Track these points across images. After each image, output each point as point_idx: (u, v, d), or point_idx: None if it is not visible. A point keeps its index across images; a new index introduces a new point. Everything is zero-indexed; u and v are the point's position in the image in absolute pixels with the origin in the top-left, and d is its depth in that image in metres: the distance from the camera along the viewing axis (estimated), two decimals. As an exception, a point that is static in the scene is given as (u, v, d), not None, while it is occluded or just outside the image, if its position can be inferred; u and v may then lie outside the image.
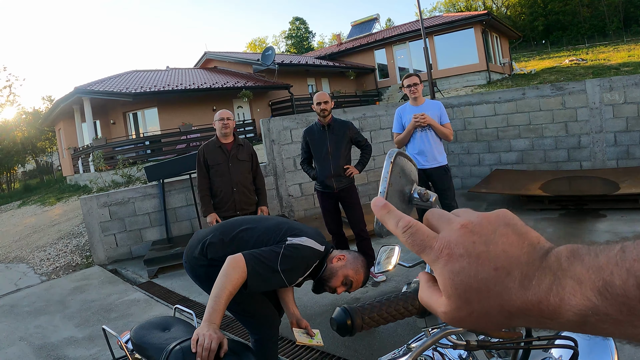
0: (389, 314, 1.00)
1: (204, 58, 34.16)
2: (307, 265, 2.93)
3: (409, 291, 1.05)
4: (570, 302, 0.50)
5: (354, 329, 0.98)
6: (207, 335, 2.26)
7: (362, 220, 5.87)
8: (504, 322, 0.56)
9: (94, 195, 8.92)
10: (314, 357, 4.31)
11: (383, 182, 0.90)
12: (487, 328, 0.58)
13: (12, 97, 42.52)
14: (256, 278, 2.69)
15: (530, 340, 1.11)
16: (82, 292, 7.25)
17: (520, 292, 0.53)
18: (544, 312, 0.52)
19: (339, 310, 1.00)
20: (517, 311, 0.54)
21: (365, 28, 37.88)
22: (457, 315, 0.58)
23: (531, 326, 0.58)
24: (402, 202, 0.92)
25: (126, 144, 20.97)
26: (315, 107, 5.77)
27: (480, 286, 0.55)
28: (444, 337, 0.98)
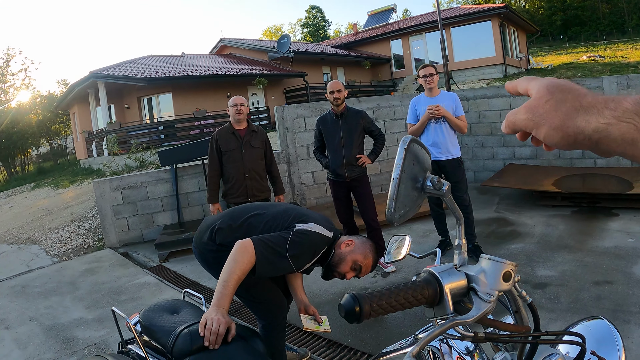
0: (398, 302, 0.99)
1: (219, 44, 34.17)
2: (315, 251, 2.92)
3: (419, 280, 1.03)
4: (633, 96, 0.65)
5: (362, 316, 0.97)
6: (215, 320, 2.25)
7: (373, 210, 5.86)
8: (573, 113, 0.70)
9: (107, 178, 8.96)
10: (321, 346, 4.31)
11: (396, 168, 0.88)
12: (554, 119, 0.72)
13: (28, 81, 42.84)
14: (264, 263, 2.69)
15: (538, 334, 1.09)
16: (93, 274, 7.29)
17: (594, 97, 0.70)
18: (609, 103, 0.66)
19: (347, 296, 0.99)
20: (587, 104, 0.69)
21: (382, 18, 37.71)
22: (536, 101, 0.75)
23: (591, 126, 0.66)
24: (414, 189, 0.91)
25: (140, 129, 21.02)
26: (328, 96, 5.75)
27: (565, 88, 0.73)
28: (452, 327, 0.96)
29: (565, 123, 0.69)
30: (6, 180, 32.07)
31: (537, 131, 0.75)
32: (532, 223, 7.03)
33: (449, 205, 1.04)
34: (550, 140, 0.73)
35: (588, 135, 0.67)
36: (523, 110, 0.77)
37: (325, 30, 64.96)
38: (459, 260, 1.07)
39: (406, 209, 0.90)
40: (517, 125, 0.78)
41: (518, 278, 1.06)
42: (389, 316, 4.69)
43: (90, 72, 22.04)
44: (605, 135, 0.65)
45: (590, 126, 0.66)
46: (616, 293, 4.49)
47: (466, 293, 1.03)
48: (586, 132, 0.67)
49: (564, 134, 0.70)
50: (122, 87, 23.15)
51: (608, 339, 1.41)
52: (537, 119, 0.74)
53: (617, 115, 0.63)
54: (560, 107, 0.71)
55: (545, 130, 0.73)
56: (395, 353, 1.45)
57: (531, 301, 1.13)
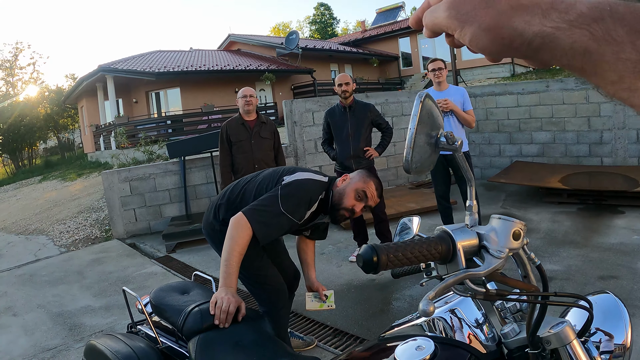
0: (413, 255, 1.02)
1: (227, 40, 34.17)
2: (311, 198, 2.95)
3: (433, 237, 1.06)
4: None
5: (379, 265, 1.00)
6: (225, 299, 2.29)
7: (382, 202, 5.89)
8: (509, 12, 0.56)
9: (116, 169, 9.00)
10: (327, 334, 4.34)
11: (413, 119, 0.91)
12: (484, 17, 0.58)
13: (36, 75, 42.95)
14: (263, 228, 2.73)
15: (547, 294, 1.11)
16: (100, 264, 7.33)
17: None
18: (557, 4, 0.54)
19: (365, 247, 1.02)
20: (528, 1, 0.55)
21: (390, 16, 37.61)
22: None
23: (533, 29, 0.54)
24: (428, 144, 0.93)
25: (148, 123, 21.07)
26: (336, 89, 5.80)
27: None
28: (466, 278, 0.99)
29: (498, 23, 0.57)
30: (14, 173, 32.15)
31: (461, 32, 0.61)
32: (538, 219, 7.04)
33: (460, 163, 1.07)
34: (477, 43, 0.60)
35: (528, 40, 0.55)
36: (444, 5, 0.62)
37: (333, 28, 64.79)
38: (470, 221, 1.10)
39: (422, 161, 0.93)
40: (438, 24, 0.64)
41: (527, 241, 1.09)
42: (395, 307, 4.72)
43: (99, 66, 22.12)
44: (551, 41, 0.54)
45: (532, 29, 0.54)
46: (621, 287, 4.50)
47: (477, 251, 1.06)
48: (525, 36, 0.55)
49: (495, 36, 0.57)
50: (131, 82, 23.22)
51: (615, 313, 1.43)
52: (462, 17, 0.60)
53: (569, 19, 0.52)
54: (492, 2, 0.58)
55: (473, 30, 0.59)
56: (405, 325, 1.47)
57: (540, 264, 1.16)
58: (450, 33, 0.64)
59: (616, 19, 0.50)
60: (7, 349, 4.79)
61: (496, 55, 0.61)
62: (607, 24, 0.51)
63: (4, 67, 36.70)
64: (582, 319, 1.31)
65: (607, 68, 0.52)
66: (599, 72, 0.53)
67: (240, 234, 2.68)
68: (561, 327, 1.16)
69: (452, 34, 0.64)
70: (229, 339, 2.11)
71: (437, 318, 1.37)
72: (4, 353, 4.69)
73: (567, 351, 1.16)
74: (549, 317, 1.20)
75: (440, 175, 6.11)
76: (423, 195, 8.95)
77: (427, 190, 9.48)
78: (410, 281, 5.24)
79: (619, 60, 0.50)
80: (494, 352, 1.30)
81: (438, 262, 1.10)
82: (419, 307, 0.93)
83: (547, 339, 1.17)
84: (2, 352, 4.73)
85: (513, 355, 1.29)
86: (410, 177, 10.57)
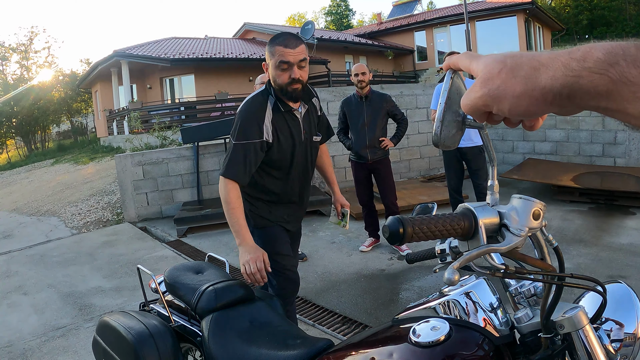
0: (437, 229, 1.04)
1: (242, 29, 34.12)
2: (255, 112, 2.91)
3: (456, 213, 1.08)
4: (602, 44, 0.59)
5: (405, 237, 1.02)
6: (249, 261, 2.60)
7: (394, 193, 5.91)
8: (534, 74, 0.63)
9: (129, 153, 9.05)
10: (336, 322, 4.37)
11: (444, 94, 0.92)
12: (515, 87, 0.65)
13: (51, 59, 43.06)
14: (231, 169, 2.82)
15: (564, 275, 1.13)
16: (111, 246, 7.39)
17: (552, 52, 0.63)
18: (574, 54, 0.60)
19: (392, 218, 1.04)
20: (546, 59, 0.63)
21: (407, 9, 37.44)
22: (489, 74, 0.68)
23: (559, 82, 0.61)
24: (455, 121, 0.94)
25: (161, 109, 21.11)
26: (353, 79, 5.81)
27: (516, 54, 0.67)
28: (487, 252, 1.00)
29: (528, 87, 0.63)
30: (26, 155, 32.27)
31: (498, 106, 0.68)
32: (549, 217, 7.02)
33: (485, 141, 1.08)
34: (517, 110, 0.66)
35: (558, 93, 0.61)
36: (477, 87, 0.70)
37: (349, 20, 64.68)
38: (491, 200, 1.11)
39: (449, 136, 0.94)
40: (476, 105, 0.71)
41: (545, 223, 1.10)
42: (404, 297, 4.74)
43: (114, 51, 22.15)
44: (577, 89, 0.59)
45: (558, 82, 0.60)
46: (630, 286, 4.49)
47: (498, 229, 1.07)
48: (555, 90, 0.61)
49: (530, 99, 0.63)
50: (145, 67, 23.25)
51: (627, 302, 1.43)
52: (495, 92, 0.67)
53: (588, 67, 0.58)
54: (517, 71, 0.65)
55: (509, 101, 0.66)
56: (419, 307, 1.49)
57: (557, 245, 1.17)
58: (488, 110, 0.71)
59: (629, 62, 0.56)
60: (17, 327, 4.84)
61: (538, 115, 0.68)
62: (621, 67, 0.56)
63: (19, 50, 36.79)
64: (595, 306, 1.31)
65: (628, 106, 0.57)
66: (621, 110, 0.58)
67: (226, 191, 2.79)
68: (575, 312, 1.17)
69: (491, 114, 0.73)
70: (242, 318, 2.13)
71: (451, 300, 1.38)
72: (14, 331, 4.74)
73: (579, 336, 1.17)
74: (563, 303, 1.21)
75: (453, 169, 6.12)
76: (434, 189, 8.95)
77: (438, 184, 9.48)
78: (420, 272, 5.26)
79: (637, 99, 0.55)
80: (506, 336, 1.32)
81: (459, 239, 1.12)
82: (444, 276, 0.95)
83: (560, 323, 1.18)
84: (13, 330, 4.78)
85: (526, 339, 1.30)
86: (422, 170, 10.57)
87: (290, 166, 3.05)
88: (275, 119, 2.92)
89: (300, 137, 3.05)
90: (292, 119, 3.01)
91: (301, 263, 5.90)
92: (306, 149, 3.12)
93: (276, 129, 2.91)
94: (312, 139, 3.17)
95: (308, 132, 3.11)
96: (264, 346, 1.92)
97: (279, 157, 2.97)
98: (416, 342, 1.28)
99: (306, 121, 3.10)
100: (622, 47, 0.57)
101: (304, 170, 3.17)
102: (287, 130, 2.98)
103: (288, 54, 2.80)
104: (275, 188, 3.08)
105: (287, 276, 3.16)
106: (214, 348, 1.99)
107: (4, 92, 32.43)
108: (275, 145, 2.92)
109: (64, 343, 4.35)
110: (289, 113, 2.98)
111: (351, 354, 1.52)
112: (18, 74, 36.45)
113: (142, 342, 2.09)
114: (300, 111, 3.04)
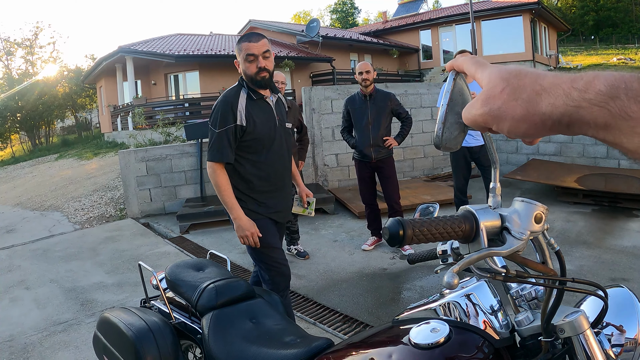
0: (437, 231, 1.03)
1: (247, 26, 34.10)
2: (231, 103, 3.22)
3: (457, 216, 1.07)
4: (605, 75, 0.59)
5: (404, 239, 1.01)
6: (246, 236, 3.18)
7: (397, 192, 5.91)
8: (535, 99, 0.64)
9: (132, 149, 9.05)
10: (337, 320, 4.37)
11: (446, 95, 0.91)
12: (515, 109, 0.66)
13: (56, 54, 43.13)
14: (215, 153, 3.18)
15: (565, 279, 1.12)
16: (114, 242, 7.40)
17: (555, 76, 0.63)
18: (576, 82, 0.60)
19: (392, 220, 1.03)
20: (549, 84, 0.63)
21: (412, 7, 37.40)
22: (491, 92, 0.69)
23: (559, 110, 0.61)
24: (457, 123, 0.94)
25: (166, 105, 21.15)
26: (357, 77, 5.79)
27: (520, 73, 0.67)
28: (488, 256, 0.99)
29: (528, 111, 0.64)
30: (30, 150, 32.33)
31: (498, 125, 0.69)
32: (552, 218, 7.00)
33: (487, 143, 1.07)
34: (516, 132, 0.67)
35: (557, 120, 0.62)
36: (479, 104, 0.71)
37: (354, 18, 64.68)
38: (493, 202, 1.10)
39: (450, 138, 0.93)
40: (476, 122, 0.73)
41: (547, 226, 1.09)
42: (406, 296, 4.73)
43: (119, 47, 22.20)
44: (576, 119, 0.60)
45: (558, 110, 0.61)
46: (632, 290, 4.48)
47: (499, 233, 1.07)
48: (554, 117, 0.62)
49: (529, 123, 0.64)
50: (150, 63, 23.27)
51: (628, 307, 1.42)
52: (496, 113, 0.68)
53: (589, 98, 0.58)
54: (519, 94, 0.65)
55: (509, 123, 0.67)
56: (419, 309, 1.48)
57: (559, 249, 1.16)
58: (488, 127, 0.72)
59: (631, 97, 0.55)
60: (19, 321, 4.85)
61: (535, 137, 0.69)
62: (622, 101, 0.56)
63: (24, 45, 36.86)
64: (596, 310, 1.31)
65: (625, 140, 0.57)
66: (618, 143, 0.59)
67: (214, 175, 3.19)
68: (575, 316, 1.16)
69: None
70: (242, 316, 2.14)
71: (452, 302, 1.38)
72: (15, 325, 4.75)
73: (579, 340, 1.16)
74: (564, 307, 1.20)
75: (460, 169, 6.11)
76: (438, 188, 8.94)
77: (441, 184, 9.48)
78: (422, 272, 5.26)
79: (635, 134, 0.56)
80: (507, 339, 1.31)
81: (460, 241, 1.11)
82: (443, 279, 0.94)
83: (560, 327, 1.17)
84: (14, 324, 4.79)
85: (526, 343, 1.29)
86: (425, 169, 10.56)
87: (268, 149, 3.33)
88: (249, 105, 3.24)
89: (275, 122, 3.36)
90: (265, 105, 3.34)
91: (303, 261, 5.90)
92: (281, 134, 3.42)
93: (251, 115, 3.22)
94: (284, 125, 3.49)
95: (281, 119, 3.44)
96: (264, 344, 1.92)
97: (256, 140, 3.26)
98: (415, 343, 1.27)
99: (277, 109, 3.42)
100: (625, 80, 0.57)
101: (281, 154, 3.44)
102: (261, 115, 3.29)
103: (253, 47, 3.17)
104: (256, 172, 3.32)
105: (279, 270, 3.35)
106: (214, 345, 2.00)
107: (9, 86, 32.52)
108: (252, 129, 3.21)
109: (65, 338, 4.35)
110: (261, 100, 3.31)
111: (350, 354, 1.52)
112: (23, 69, 36.57)
113: (142, 338, 2.09)
114: (272, 99, 3.38)
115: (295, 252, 6.05)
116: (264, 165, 3.33)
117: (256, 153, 3.29)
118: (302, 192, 3.83)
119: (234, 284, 2.30)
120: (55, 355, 4.15)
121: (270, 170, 3.36)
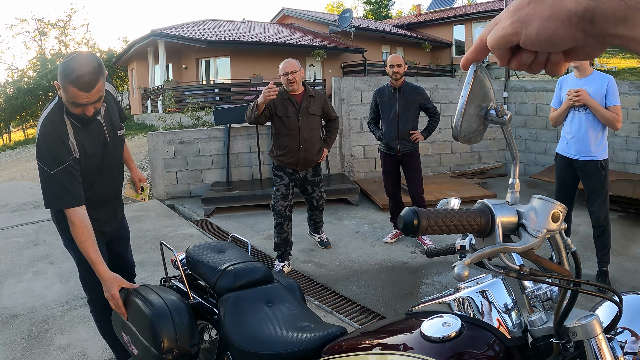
0: (452, 223, 1.03)
1: (280, 14, 34.11)
2: (58, 134, 2.66)
3: (473, 209, 1.07)
4: None
5: (419, 229, 1.02)
6: (109, 297, 2.54)
7: (421, 186, 5.89)
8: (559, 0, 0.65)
9: (161, 132, 9.13)
10: (353, 310, 4.38)
11: (466, 87, 0.92)
12: (543, 11, 0.66)
13: (89, 36, 43.48)
14: (52, 200, 2.73)
15: (580, 281, 1.12)
16: (139, 222, 7.48)
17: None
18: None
19: (407, 209, 1.04)
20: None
21: (447, 1, 36.98)
22: (518, 4, 0.70)
23: (582, 5, 0.62)
24: (478, 116, 0.94)
25: (196, 89, 21.29)
26: (387, 69, 5.77)
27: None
28: (502, 251, 1.00)
29: (555, 10, 0.65)
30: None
31: (527, 30, 0.69)
32: (577, 222, 6.90)
33: (507, 138, 1.07)
34: (545, 33, 0.67)
35: (581, 15, 0.62)
36: (507, 17, 0.72)
37: (387, 10, 64.10)
38: (511, 198, 1.11)
39: (470, 130, 0.94)
40: (504, 35, 0.73)
41: (564, 226, 1.09)
42: (424, 291, 4.73)
43: (152, 30, 22.33)
44: (598, 12, 0.61)
45: (582, 5, 0.62)
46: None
47: (515, 229, 1.07)
48: (579, 13, 0.63)
49: (556, 21, 0.65)
50: (182, 48, 23.38)
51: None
52: (524, 17, 0.69)
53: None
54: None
55: (537, 24, 0.68)
56: (433, 302, 1.49)
57: (575, 250, 1.16)
58: (516, 40, 0.71)
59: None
60: (41, 293, 4.95)
61: (564, 43, 0.67)
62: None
63: (58, 26, 37.27)
64: (610, 315, 1.30)
65: None
66: (635, 37, 0.59)
67: (72, 227, 2.69)
68: (589, 320, 1.16)
69: (516, 55, 0.75)
70: (259, 300, 2.16)
71: (466, 298, 1.38)
72: (38, 297, 4.86)
73: (591, 345, 1.16)
74: (577, 310, 1.20)
75: (565, 188, 5.15)
76: (463, 185, 8.89)
77: (467, 181, 9.41)
78: (442, 267, 5.25)
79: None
80: (518, 339, 1.31)
81: (476, 235, 1.11)
82: (453, 271, 0.95)
83: (573, 329, 1.17)
84: (37, 296, 4.89)
85: (537, 344, 1.29)
86: (452, 165, 10.49)
87: (98, 171, 2.93)
88: (77, 134, 2.73)
89: (106, 140, 2.92)
90: (95, 127, 2.84)
91: (324, 250, 5.92)
92: (114, 149, 3.02)
93: (81, 144, 2.74)
94: (116, 135, 3.02)
95: (112, 130, 2.95)
96: (278, 328, 1.95)
97: (87, 168, 2.81)
98: (426, 336, 1.28)
99: (108, 119, 2.92)
100: None
101: (112, 168, 3.08)
102: (90, 141, 2.82)
103: (81, 98, 2.53)
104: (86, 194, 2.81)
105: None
106: (230, 327, 2.02)
107: (42, 66, 32.87)
108: (83, 159, 2.76)
109: (85, 313, 4.43)
110: (90, 123, 2.79)
111: (362, 343, 1.53)
112: (56, 50, 36.95)
113: (160, 316, 2.12)
114: (101, 113, 2.85)
115: (318, 241, 6.06)
116: (93, 186, 2.93)
117: (85, 178, 2.81)
118: (135, 177, 3.68)
119: (253, 267, 2.33)
120: (75, 328, 4.22)
121: (100, 188, 3.00)
